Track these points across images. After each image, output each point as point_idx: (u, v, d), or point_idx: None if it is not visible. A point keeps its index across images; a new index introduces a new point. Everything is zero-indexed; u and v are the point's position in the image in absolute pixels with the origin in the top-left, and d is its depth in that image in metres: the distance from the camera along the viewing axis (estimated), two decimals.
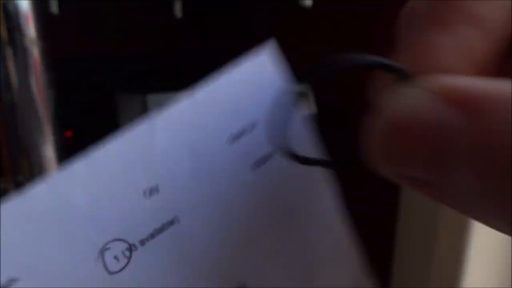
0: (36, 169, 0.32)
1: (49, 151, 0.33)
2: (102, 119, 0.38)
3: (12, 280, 0.13)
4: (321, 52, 0.60)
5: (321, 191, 0.19)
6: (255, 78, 0.17)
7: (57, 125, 0.33)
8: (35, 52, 0.30)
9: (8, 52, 0.29)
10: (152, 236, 0.15)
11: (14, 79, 0.30)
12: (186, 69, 0.60)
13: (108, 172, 0.15)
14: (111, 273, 0.14)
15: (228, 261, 0.16)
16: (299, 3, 0.54)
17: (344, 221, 0.20)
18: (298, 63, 0.69)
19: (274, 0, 0.69)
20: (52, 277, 0.13)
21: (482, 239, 0.44)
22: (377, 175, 0.14)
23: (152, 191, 0.15)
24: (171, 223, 0.15)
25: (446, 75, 0.09)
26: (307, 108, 0.16)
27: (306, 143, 0.17)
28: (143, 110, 0.34)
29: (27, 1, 0.29)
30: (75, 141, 0.57)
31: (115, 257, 0.14)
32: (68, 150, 0.38)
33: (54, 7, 0.64)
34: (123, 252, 0.14)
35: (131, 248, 0.15)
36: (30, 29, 0.29)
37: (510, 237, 0.19)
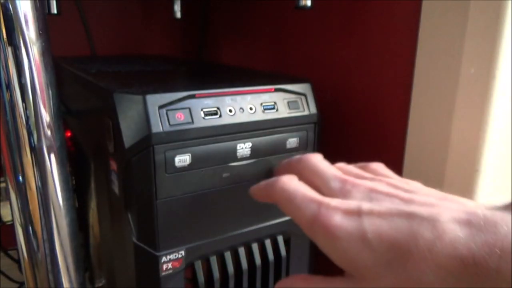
0: (36, 169, 0.32)
1: (49, 151, 0.33)
2: (102, 119, 0.38)
3: None
4: (322, 52, 0.60)
5: None
6: None
7: (57, 125, 0.33)
8: (35, 52, 0.30)
9: (8, 52, 0.29)
10: None
11: (14, 79, 0.30)
12: (186, 69, 0.60)
13: None
14: None
15: None
16: (299, 3, 0.54)
17: None
18: (298, 63, 0.69)
19: (274, 0, 0.69)
20: None
21: None
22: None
23: None
24: None
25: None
26: (307, 108, 0.16)
27: None
28: (143, 110, 0.34)
29: (27, 1, 0.29)
30: (75, 141, 0.57)
31: None
32: (68, 150, 0.38)
33: (54, 7, 0.64)
34: None
35: None
36: (30, 29, 0.29)
37: None
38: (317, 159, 0.29)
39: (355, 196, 0.25)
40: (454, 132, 0.42)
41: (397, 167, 0.49)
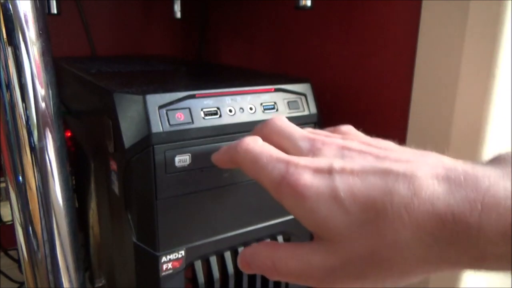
0: (36, 169, 0.32)
1: (49, 151, 0.33)
2: (102, 119, 0.38)
3: None
4: (322, 52, 0.60)
5: None
6: None
7: (57, 125, 0.33)
8: (35, 52, 0.30)
9: (8, 52, 0.29)
10: None
11: (14, 79, 0.30)
12: (186, 69, 0.60)
13: None
14: None
15: None
16: (299, 3, 0.54)
17: None
18: (298, 63, 0.69)
19: (274, 0, 0.69)
20: None
21: None
22: None
23: None
24: None
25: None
26: (307, 108, 0.16)
27: None
28: (143, 110, 0.34)
29: (27, 1, 0.29)
30: (75, 141, 0.57)
31: None
32: (68, 150, 0.38)
33: (54, 7, 0.64)
34: None
35: None
36: (30, 29, 0.29)
37: None
38: (283, 122, 0.27)
39: (326, 154, 0.23)
40: (454, 133, 0.42)
41: None
